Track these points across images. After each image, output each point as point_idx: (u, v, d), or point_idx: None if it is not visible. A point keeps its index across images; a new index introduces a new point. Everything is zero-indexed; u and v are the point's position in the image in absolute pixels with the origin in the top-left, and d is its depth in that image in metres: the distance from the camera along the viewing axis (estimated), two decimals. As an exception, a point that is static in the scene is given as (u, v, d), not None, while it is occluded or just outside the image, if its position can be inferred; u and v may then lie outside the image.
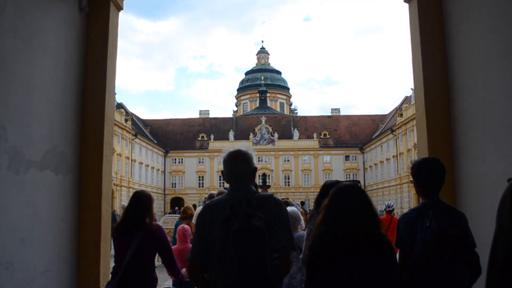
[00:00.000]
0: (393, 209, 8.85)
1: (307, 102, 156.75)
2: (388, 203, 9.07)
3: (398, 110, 57.06)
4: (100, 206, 3.67)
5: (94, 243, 3.85)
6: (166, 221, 17.81)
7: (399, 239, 2.79)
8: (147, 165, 61.97)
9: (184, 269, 4.04)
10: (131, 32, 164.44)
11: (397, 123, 54.18)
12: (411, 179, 2.96)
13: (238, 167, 2.59)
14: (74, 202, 3.60)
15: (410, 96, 53.75)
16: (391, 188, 56.47)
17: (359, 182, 2.81)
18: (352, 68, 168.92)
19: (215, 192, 6.53)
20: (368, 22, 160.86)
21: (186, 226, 5.89)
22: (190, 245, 4.84)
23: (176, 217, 12.95)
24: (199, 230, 2.55)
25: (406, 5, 4.93)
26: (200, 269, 2.52)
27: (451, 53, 3.74)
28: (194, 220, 6.66)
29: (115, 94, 3.42)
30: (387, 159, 58.44)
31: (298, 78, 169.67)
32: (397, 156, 54.46)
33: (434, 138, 3.55)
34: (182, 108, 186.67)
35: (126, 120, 54.86)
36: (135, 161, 57.32)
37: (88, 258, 3.92)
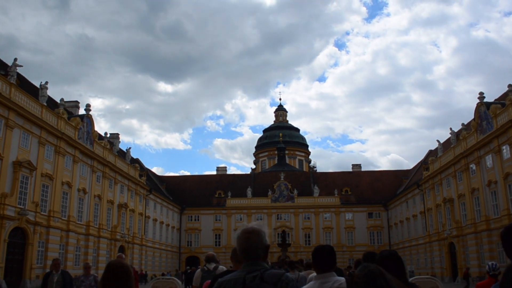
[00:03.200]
0: (499, 273, 6.14)
1: (324, 160, 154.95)
2: (492, 264, 6.41)
3: (424, 164, 54.74)
4: None
5: None
6: (156, 285, 15.79)
7: None
8: (162, 222, 59.82)
9: None
10: (150, 93, 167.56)
11: (423, 177, 51.57)
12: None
13: (250, 243, 2.63)
14: None
15: (436, 148, 51.58)
16: (420, 247, 52.91)
17: (372, 254, 3.03)
18: (368, 126, 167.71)
19: (214, 253, 7.42)
20: (380, 82, 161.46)
21: None
22: None
23: (169, 280, 11.59)
24: None
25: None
26: None
27: None
28: (194, 282, 7.13)
29: None
30: (413, 216, 55.22)
31: (313, 136, 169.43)
32: (424, 212, 51.34)
33: None
34: (199, 167, 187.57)
35: (140, 176, 53.57)
36: (149, 217, 55.32)
37: None
